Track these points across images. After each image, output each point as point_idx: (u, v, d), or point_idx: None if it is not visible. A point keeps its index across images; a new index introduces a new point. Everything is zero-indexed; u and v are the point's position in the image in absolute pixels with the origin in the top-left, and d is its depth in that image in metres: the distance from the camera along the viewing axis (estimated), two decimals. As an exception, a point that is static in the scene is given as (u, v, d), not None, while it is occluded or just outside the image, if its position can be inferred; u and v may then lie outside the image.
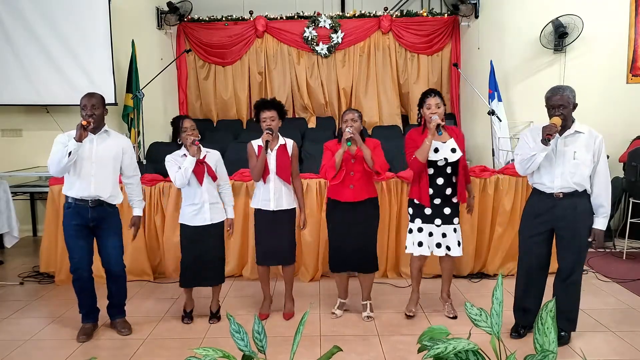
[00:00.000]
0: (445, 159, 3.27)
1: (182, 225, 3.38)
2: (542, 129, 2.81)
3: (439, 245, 3.36)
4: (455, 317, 3.45)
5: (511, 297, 3.25)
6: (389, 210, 4.23)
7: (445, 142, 3.25)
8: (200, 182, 3.27)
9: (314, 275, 4.30)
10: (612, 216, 5.30)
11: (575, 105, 2.89)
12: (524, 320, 3.14)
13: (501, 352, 1.38)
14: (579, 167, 2.86)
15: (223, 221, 3.43)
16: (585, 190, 2.90)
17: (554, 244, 3.03)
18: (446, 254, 3.39)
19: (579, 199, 2.90)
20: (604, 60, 5.77)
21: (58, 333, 3.33)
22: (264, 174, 3.35)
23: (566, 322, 3.00)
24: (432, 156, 3.24)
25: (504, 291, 1.54)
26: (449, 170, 3.30)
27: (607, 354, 2.94)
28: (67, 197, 3.15)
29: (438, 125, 3.13)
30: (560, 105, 2.83)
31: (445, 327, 1.52)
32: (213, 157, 3.40)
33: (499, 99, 5.88)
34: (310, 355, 2.86)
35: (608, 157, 5.51)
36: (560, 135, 2.90)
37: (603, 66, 5.77)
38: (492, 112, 5.52)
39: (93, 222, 3.14)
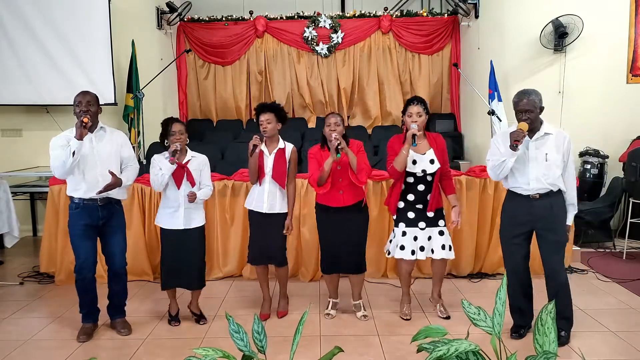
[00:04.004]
0: (424, 171, 3.29)
1: (161, 227, 3.38)
2: (510, 135, 2.86)
3: (422, 249, 3.35)
4: (448, 318, 3.45)
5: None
6: (389, 211, 4.21)
7: (424, 154, 3.27)
8: (178, 186, 3.26)
9: (314, 275, 4.29)
10: (612, 216, 5.30)
11: (542, 109, 2.93)
12: (522, 321, 3.16)
13: (501, 353, 1.37)
14: (551, 168, 2.92)
15: (200, 227, 3.38)
16: (559, 190, 2.97)
17: (535, 244, 3.08)
18: (428, 257, 3.39)
19: (555, 199, 2.96)
20: (604, 60, 5.77)
21: (58, 333, 3.33)
22: (260, 176, 3.36)
23: (564, 321, 3.02)
24: (411, 168, 3.27)
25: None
26: (429, 178, 3.33)
27: (607, 354, 2.93)
28: (72, 197, 3.14)
29: (414, 136, 3.14)
30: (527, 110, 2.87)
31: (443, 327, 1.51)
32: (197, 162, 3.36)
33: (499, 99, 5.87)
34: (310, 355, 2.85)
35: (607, 157, 5.62)
36: (531, 139, 2.94)
37: (603, 66, 5.77)
38: (492, 112, 5.51)
39: (102, 220, 3.15)
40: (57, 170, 3.01)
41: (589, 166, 5.64)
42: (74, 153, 2.91)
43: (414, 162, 3.28)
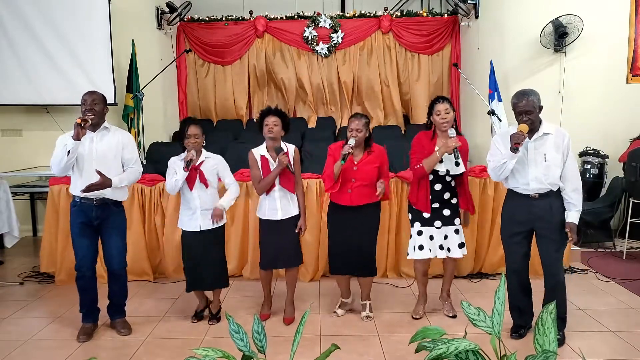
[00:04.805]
0: (447, 171, 3.28)
1: (182, 230, 3.40)
2: (510, 137, 2.85)
3: (441, 247, 3.36)
4: (454, 317, 3.46)
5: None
6: (388, 211, 4.22)
7: (451, 154, 3.23)
8: (190, 188, 3.27)
9: (314, 275, 4.30)
10: (612, 216, 5.30)
11: (541, 108, 2.93)
12: (521, 320, 3.16)
13: (501, 352, 1.37)
14: (551, 168, 2.91)
15: (219, 227, 3.39)
16: (559, 189, 2.97)
17: (534, 243, 3.08)
18: (447, 256, 3.40)
19: (554, 198, 2.96)
20: (604, 60, 5.77)
21: (58, 333, 3.33)
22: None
23: (559, 321, 3.02)
24: (436, 166, 3.25)
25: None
26: (448, 179, 3.33)
27: (607, 354, 2.94)
28: (73, 195, 3.16)
29: (455, 149, 3.11)
30: (527, 111, 2.87)
31: (441, 328, 1.51)
32: (212, 163, 3.37)
33: (499, 99, 5.88)
34: (310, 355, 2.85)
35: (607, 157, 5.62)
36: (530, 139, 2.94)
37: (603, 66, 5.77)
38: (492, 112, 5.52)
39: (97, 220, 3.15)
40: (54, 167, 3.05)
41: (589, 166, 5.64)
42: (69, 152, 2.93)
43: (441, 160, 3.25)
